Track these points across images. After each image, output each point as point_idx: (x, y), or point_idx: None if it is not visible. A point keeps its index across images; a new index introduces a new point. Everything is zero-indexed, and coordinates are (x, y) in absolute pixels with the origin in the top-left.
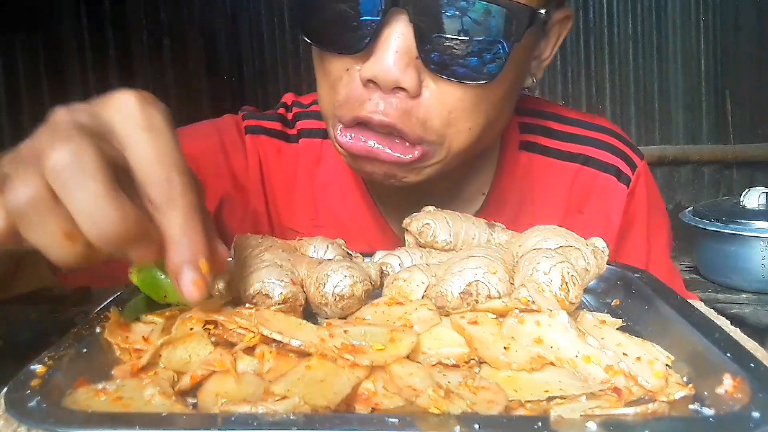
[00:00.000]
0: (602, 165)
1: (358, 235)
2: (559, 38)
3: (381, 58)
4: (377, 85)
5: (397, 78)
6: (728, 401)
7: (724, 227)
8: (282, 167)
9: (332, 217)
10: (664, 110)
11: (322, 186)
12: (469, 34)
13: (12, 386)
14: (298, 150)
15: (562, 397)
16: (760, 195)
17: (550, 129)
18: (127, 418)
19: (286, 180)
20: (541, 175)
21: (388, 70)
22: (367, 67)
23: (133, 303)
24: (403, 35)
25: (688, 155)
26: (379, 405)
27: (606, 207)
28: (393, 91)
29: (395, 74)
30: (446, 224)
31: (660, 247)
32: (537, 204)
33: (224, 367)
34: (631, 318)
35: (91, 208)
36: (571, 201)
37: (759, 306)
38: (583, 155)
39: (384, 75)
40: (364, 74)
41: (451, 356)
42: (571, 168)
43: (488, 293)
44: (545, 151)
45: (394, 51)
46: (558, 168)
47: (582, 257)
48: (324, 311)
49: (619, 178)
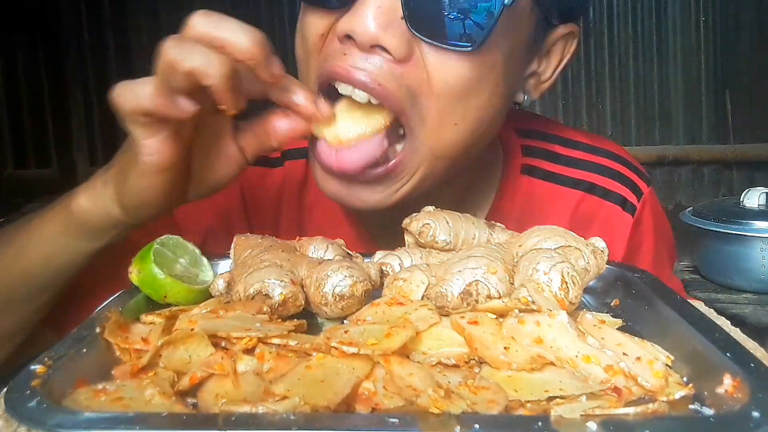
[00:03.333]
0: (607, 193)
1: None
2: (562, 59)
3: (360, 11)
4: (355, 41)
5: (376, 34)
6: (728, 401)
7: (724, 227)
8: (266, 193)
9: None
10: (664, 110)
11: (308, 209)
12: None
13: (12, 386)
14: (283, 174)
15: (562, 396)
16: (760, 195)
17: (555, 153)
18: (127, 418)
19: (271, 205)
20: (543, 200)
21: (367, 24)
22: (344, 20)
23: (133, 303)
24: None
25: (688, 155)
26: (379, 405)
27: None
28: (372, 50)
29: (373, 30)
30: (446, 224)
31: (666, 269)
32: None
33: (224, 371)
34: (631, 318)
35: (236, 27)
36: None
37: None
38: (587, 182)
39: (361, 29)
40: (341, 27)
41: (451, 356)
42: (574, 195)
43: (488, 293)
44: (548, 176)
45: (375, 6)
46: (561, 194)
47: (582, 257)
48: (324, 311)
49: (624, 207)
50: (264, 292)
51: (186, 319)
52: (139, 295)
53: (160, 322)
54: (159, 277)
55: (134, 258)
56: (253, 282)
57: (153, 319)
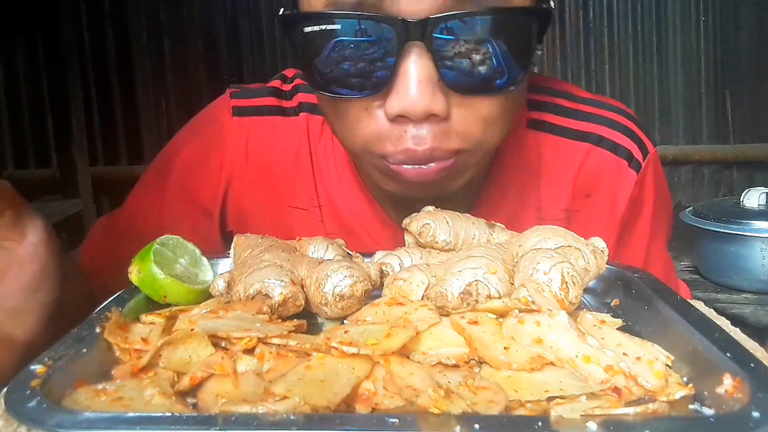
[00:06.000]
0: (615, 147)
1: (358, 226)
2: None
3: (405, 92)
4: (407, 118)
5: (427, 107)
6: (728, 401)
7: (724, 227)
8: (280, 144)
9: (330, 203)
10: (664, 110)
11: (320, 169)
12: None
13: (12, 386)
14: (298, 123)
15: (562, 397)
16: (760, 195)
17: (561, 107)
18: (127, 418)
19: (286, 156)
20: (550, 155)
21: (415, 101)
22: (392, 104)
23: (133, 303)
24: (422, 65)
25: (688, 155)
26: (379, 405)
27: (613, 192)
28: (425, 119)
29: (423, 104)
30: (446, 224)
31: (661, 239)
32: (543, 186)
33: (225, 371)
34: (631, 318)
35: None
36: (579, 183)
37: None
38: (596, 135)
39: (413, 108)
40: (392, 111)
41: (451, 356)
42: (582, 147)
43: (488, 293)
44: (555, 129)
45: (416, 81)
46: (568, 147)
47: (582, 257)
48: (324, 311)
49: (630, 163)
50: (264, 292)
51: (186, 319)
52: (139, 295)
53: (160, 322)
54: (159, 277)
55: (134, 258)
56: (253, 282)
57: (153, 319)
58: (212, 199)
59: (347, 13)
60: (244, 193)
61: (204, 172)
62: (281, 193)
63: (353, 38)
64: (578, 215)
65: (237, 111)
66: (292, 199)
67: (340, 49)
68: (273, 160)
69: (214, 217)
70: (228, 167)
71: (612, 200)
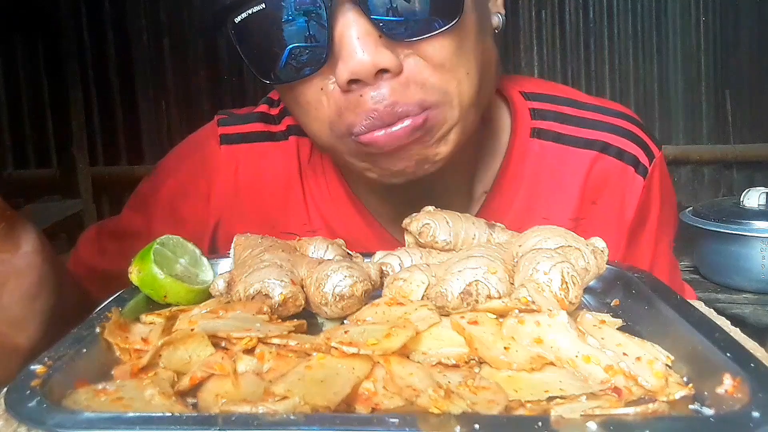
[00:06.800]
0: (621, 153)
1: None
2: None
3: (349, 54)
4: (360, 81)
5: (374, 61)
6: (728, 401)
7: (724, 227)
8: (270, 170)
9: (324, 225)
10: (664, 110)
11: (311, 192)
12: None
13: (12, 386)
14: (288, 148)
15: (562, 397)
16: (760, 195)
17: (565, 114)
18: (127, 418)
19: (276, 182)
20: (555, 164)
21: (361, 60)
22: (340, 71)
23: (133, 303)
24: (359, 23)
25: (688, 155)
26: (379, 405)
27: (621, 198)
28: (377, 77)
29: (370, 60)
30: (446, 224)
31: (667, 241)
32: (550, 195)
33: (225, 371)
34: (631, 318)
35: None
36: (586, 191)
37: (759, 306)
38: (601, 142)
39: (361, 66)
40: (342, 77)
41: (451, 356)
42: (588, 155)
43: (488, 293)
44: (560, 138)
45: (356, 39)
46: (574, 156)
47: (582, 257)
48: (324, 311)
49: (636, 168)
50: (264, 292)
51: (186, 319)
52: (139, 295)
53: (160, 322)
54: (159, 277)
55: (134, 258)
56: (253, 282)
57: (153, 319)
58: (202, 225)
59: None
60: (235, 222)
61: (192, 199)
62: (273, 220)
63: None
64: (585, 222)
65: (225, 139)
66: (285, 225)
67: (276, 30)
68: (263, 187)
69: (204, 241)
70: (217, 198)
71: (620, 207)
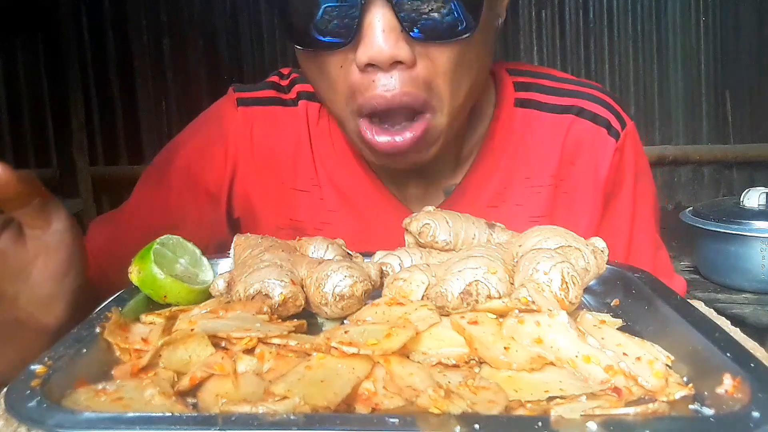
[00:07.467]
0: (594, 116)
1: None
2: None
3: (371, 41)
4: (376, 66)
5: (392, 53)
6: (728, 401)
7: (724, 227)
8: (282, 131)
9: (330, 181)
10: (664, 110)
11: (319, 151)
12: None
13: (12, 386)
14: (298, 112)
15: (562, 397)
16: (760, 195)
17: (546, 86)
18: (127, 418)
19: (287, 142)
20: (537, 128)
21: (381, 49)
22: (361, 54)
23: (133, 303)
24: (385, 16)
25: (688, 155)
26: (379, 405)
27: (595, 158)
28: (392, 67)
29: (389, 50)
30: (446, 224)
31: (646, 215)
32: (532, 157)
33: (225, 371)
34: (631, 318)
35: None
36: (564, 152)
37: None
38: (577, 107)
39: (380, 55)
40: (361, 60)
41: (451, 356)
42: (565, 119)
43: (488, 293)
44: (541, 106)
45: (381, 30)
46: (553, 121)
47: (582, 257)
48: (324, 311)
49: (609, 131)
50: (264, 292)
51: (186, 319)
52: (139, 295)
53: (160, 322)
54: (159, 277)
55: (134, 258)
56: (253, 282)
57: (153, 319)
58: (218, 184)
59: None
60: (250, 177)
61: (210, 159)
62: (284, 177)
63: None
64: (564, 184)
65: (241, 102)
66: (294, 182)
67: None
68: (276, 146)
69: (221, 203)
70: (234, 154)
71: (594, 167)
